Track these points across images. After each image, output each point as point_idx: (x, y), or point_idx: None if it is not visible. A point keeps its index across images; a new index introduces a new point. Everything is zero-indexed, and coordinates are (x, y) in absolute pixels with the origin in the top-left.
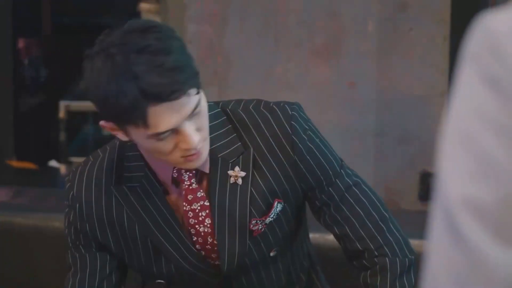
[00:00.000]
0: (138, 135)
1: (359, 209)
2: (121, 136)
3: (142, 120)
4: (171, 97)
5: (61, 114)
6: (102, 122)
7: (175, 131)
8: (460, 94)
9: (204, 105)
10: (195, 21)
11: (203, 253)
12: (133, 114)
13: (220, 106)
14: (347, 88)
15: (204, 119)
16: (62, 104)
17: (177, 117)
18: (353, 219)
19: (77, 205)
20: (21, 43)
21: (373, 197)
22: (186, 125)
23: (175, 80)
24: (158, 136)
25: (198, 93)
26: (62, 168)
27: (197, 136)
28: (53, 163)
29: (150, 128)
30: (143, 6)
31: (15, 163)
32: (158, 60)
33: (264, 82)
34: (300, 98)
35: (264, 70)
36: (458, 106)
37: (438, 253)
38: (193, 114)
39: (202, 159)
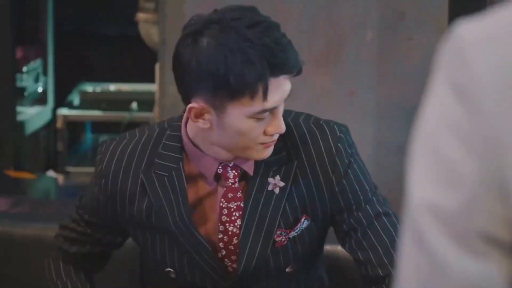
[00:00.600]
0: (238, 113)
1: (385, 238)
2: (205, 122)
3: (264, 91)
4: (290, 70)
5: (59, 123)
6: (192, 104)
7: (271, 111)
8: (429, 101)
9: None
10: None
11: (224, 252)
12: (256, 85)
13: None
14: (346, 96)
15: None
16: (60, 114)
17: (282, 94)
18: (378, 246)
19: (103, 180)
20: (20, 52)
21: (400, 229)
22: (280, 108)
23: (293, 55)
24: (263, 113)
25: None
26: (60, 178)
27: (283, 121)
28: (50, 173)
29: (266, 101)
30: (141, 16)
31: (12, 173)
32: (275, 34)
33: None
34: (299, 106)
35: None
36: (427, 112)
37: (406, 259)
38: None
39: (271, 151)
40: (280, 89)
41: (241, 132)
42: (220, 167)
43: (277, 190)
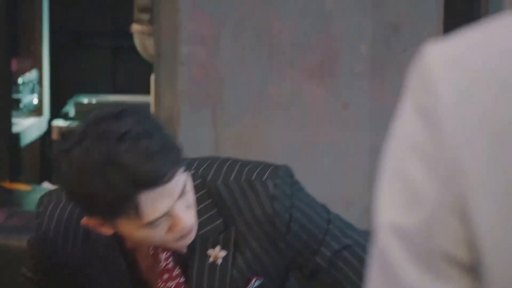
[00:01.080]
0: (129, 227)
1: (349, 272)
2: (107, 230)
3: (134, 211)
4: (163, 181)
5: (55, 135)
6: (84, 220)
7: (166, 215)
8: (397, 121)
9: (190, 183)
10: (188, 42)
11: None
12: (124, 206)
13: (200, 174)
14: (340, 108)
15: (191, 195)
16: (56, 125)
17: (169, 200)
18: (343, 282)
19: (43, 246)
20: (15, 63)
21: (365, 257)
22: (177, 207)
23: (164, 163)
24: (152, 223)
25: (185, 170)
26: None
27: (189, 216)
28: (46, 184)
29: (144, 217)
30: (136, 27)
31: (8, 185)
32: (142, 145)
33: (258, 102)
34: (294, 119)
35: (258, 90)
36: (395, 133)
37: (372, 279)
38: (182, 195)
39: (194, 235)
40: (163, 197)
41: (142, 240)
42: (151, 248)
43: (219, 261)
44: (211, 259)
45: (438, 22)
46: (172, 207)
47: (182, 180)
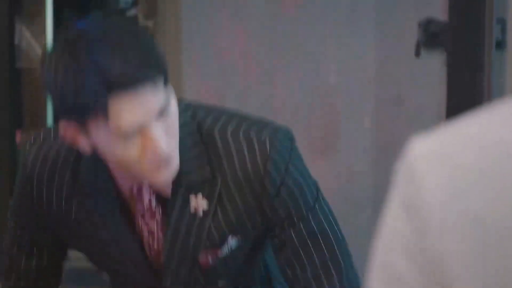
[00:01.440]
0: (101, 135)
1: (316, 260)
2: (83, 143)
3: (103, 112)
4: (136, 84)
5: None
6: (61, 127)
7: (142, 132)
8: (385, 214)
9: (174, 108)
10: None
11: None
12: (94, 106)
13: (197, 119)
14: (343, 183)
15: (174, 123)
16: None
17: (143, 112)
18: (308, 267)
19: (29, 185)
20: (19, 135)
21: (337, 251)
22: (153, 127)
23: (140, 67)
24: (123, 134)
25: (166, 85)
26: None
27: (167, 143)
28: None
29: (112, 121)
30: None
31: None
32: (119, 46)
33: None
34: None
35: None
36: (382, 225)
37: None
38: (161, 114)
39: (174, 169)
40: (135, 104)
41: (117, 155)
42: (135, 187)
43: (200, 213)
44: (192, 209)
45: (441, 93)
46: (147, 125)
47: (161, 96)
